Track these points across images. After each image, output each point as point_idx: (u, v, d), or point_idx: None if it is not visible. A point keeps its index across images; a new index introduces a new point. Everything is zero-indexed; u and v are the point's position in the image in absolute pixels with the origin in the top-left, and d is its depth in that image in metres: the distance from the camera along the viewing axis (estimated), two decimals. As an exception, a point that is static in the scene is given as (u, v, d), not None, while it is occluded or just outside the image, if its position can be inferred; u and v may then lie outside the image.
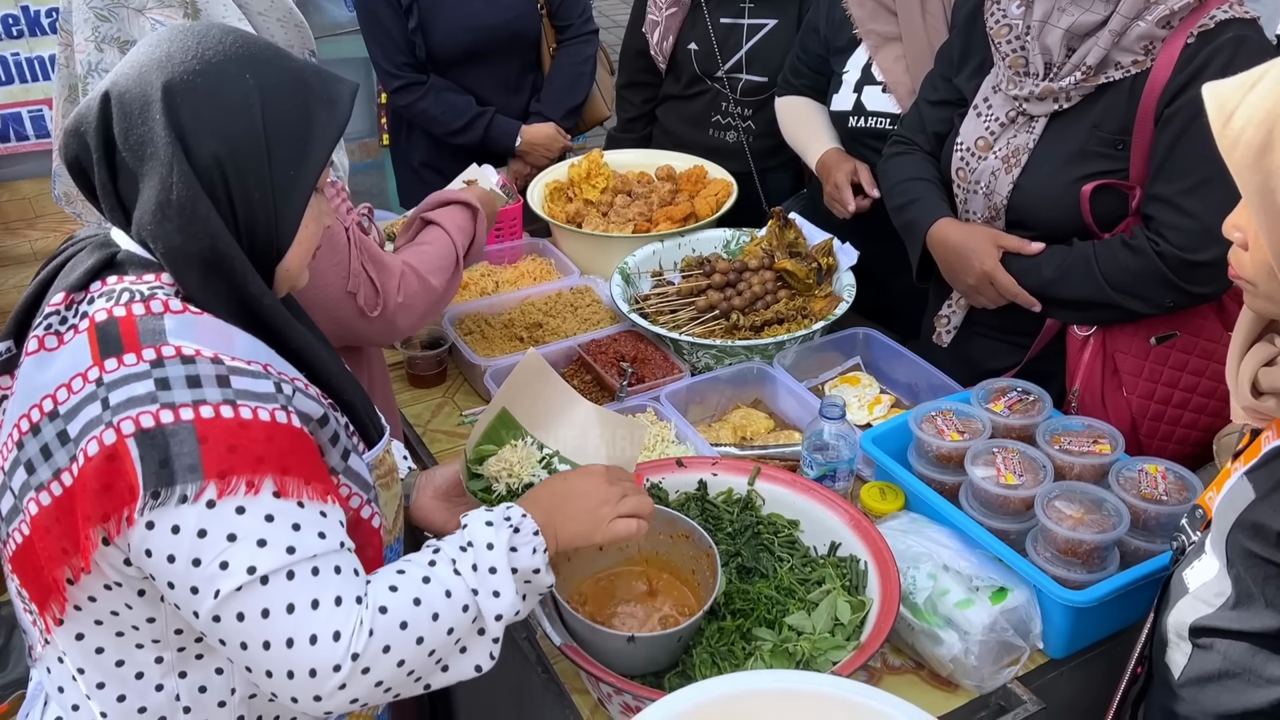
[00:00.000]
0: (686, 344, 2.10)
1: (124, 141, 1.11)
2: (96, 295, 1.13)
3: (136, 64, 1.13)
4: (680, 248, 2.42)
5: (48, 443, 1.07)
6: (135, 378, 1.05)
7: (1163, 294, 1.72)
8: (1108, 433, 1.67)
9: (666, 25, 2.70)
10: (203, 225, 1.10)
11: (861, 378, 2.11)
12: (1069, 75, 1.74)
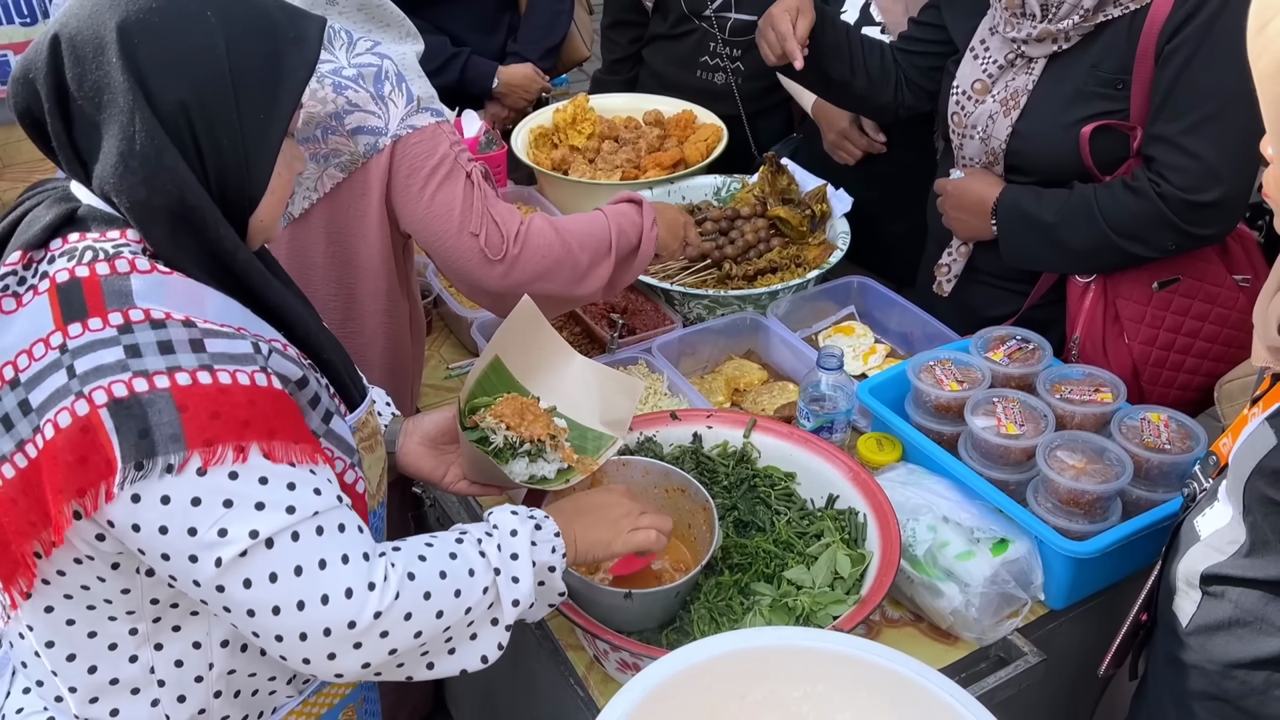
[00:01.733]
0: (678, 294, 2.06)
1: (78, 88, 1.03)
2: (57, 254, 1.06)
3: (86, 4, 1.04)
4: (670, 195, 2.36)
5: (8, 413, 1.02)
6: (103, 344, 1.00)
7: (1164, 236, 1.69)
8: (1109, 381, 1.65)
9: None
10: (169, 176, 1.03)
11: (856, 327, 2.07)
12: (1068, 17, 1.69)
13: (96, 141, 1.04)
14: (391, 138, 1.56)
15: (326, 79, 1.52)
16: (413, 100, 1.57)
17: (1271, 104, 1.02)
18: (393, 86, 1.55)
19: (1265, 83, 1.02)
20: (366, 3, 1.57)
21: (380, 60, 1.55)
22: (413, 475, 1.52)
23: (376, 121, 1.55)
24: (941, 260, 1.98)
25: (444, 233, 1.61)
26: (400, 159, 1.58)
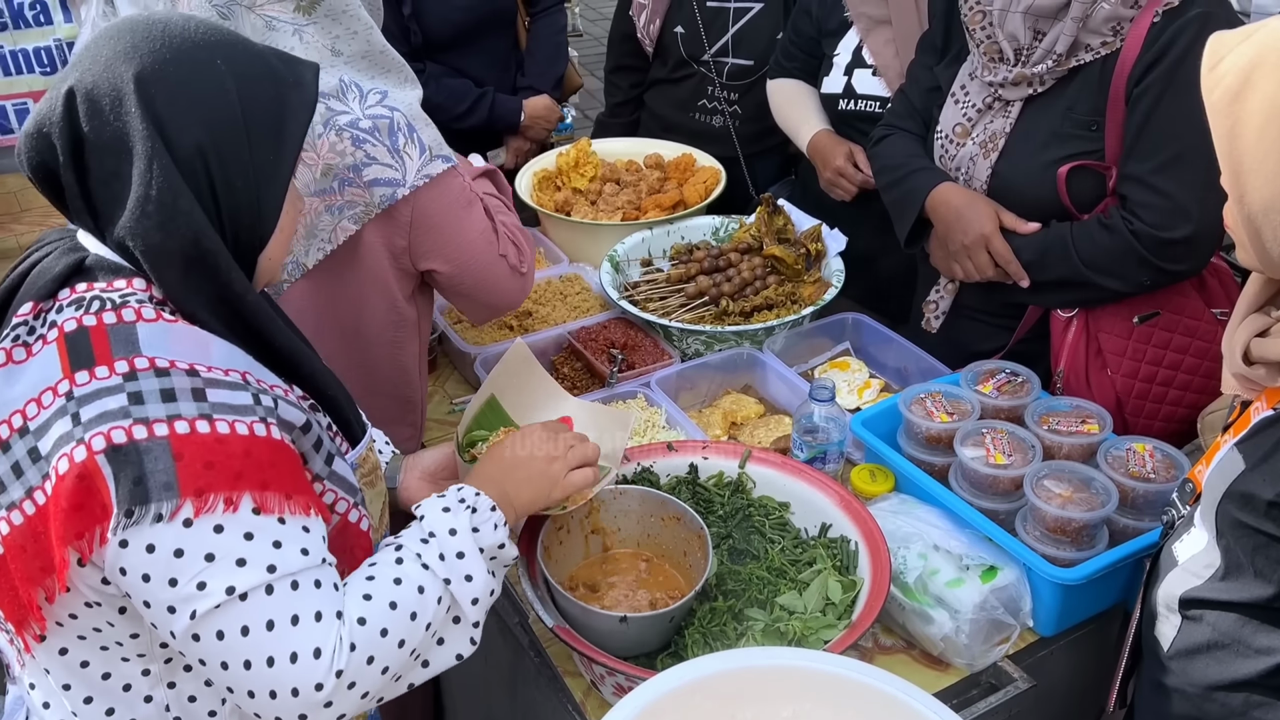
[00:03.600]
0: (676, 330, 2.10)
1: (96, 138, 1.06)
2: (65, 304, 1.09)
3: (99, 58, 1.08)
4: (669, 235, 2.42)
5: (18, 460, 1.04)
6: (107, 391, 1.02)
7: (1139, 272, 1.73)
8: (1095, 413, 1.68)
9: (653, 8, 2.71)
10: (185, 220, 1.06)
11: (851, 362, 2.11)
12: (1041, 61, 1.75)
13: (113, 191, 1.07)
14: (410, 188, 1.62)
15: (345, 131, 1.57)
16: (425, 150, 1.63)
17: (1223, 137, 1.07)
18: (405, 138, 1.60)
19: (1216, 117, 1.07)
20: (370, 51, 1.62)
21: (391, 112, 1.60)
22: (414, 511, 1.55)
23: (393, 174, 1.60)
24: (929, 298, 2.03)
25: (479, 261, 1.71)
26: (423, 207, 1.64)
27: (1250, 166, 1.06)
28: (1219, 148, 1.08)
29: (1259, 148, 1.05)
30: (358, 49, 1.60)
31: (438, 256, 1.70)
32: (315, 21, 1.56)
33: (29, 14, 3.07)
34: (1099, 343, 1.85)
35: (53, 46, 3.09)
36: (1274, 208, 1.07)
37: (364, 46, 1.60)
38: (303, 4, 1.54)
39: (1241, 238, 1.13)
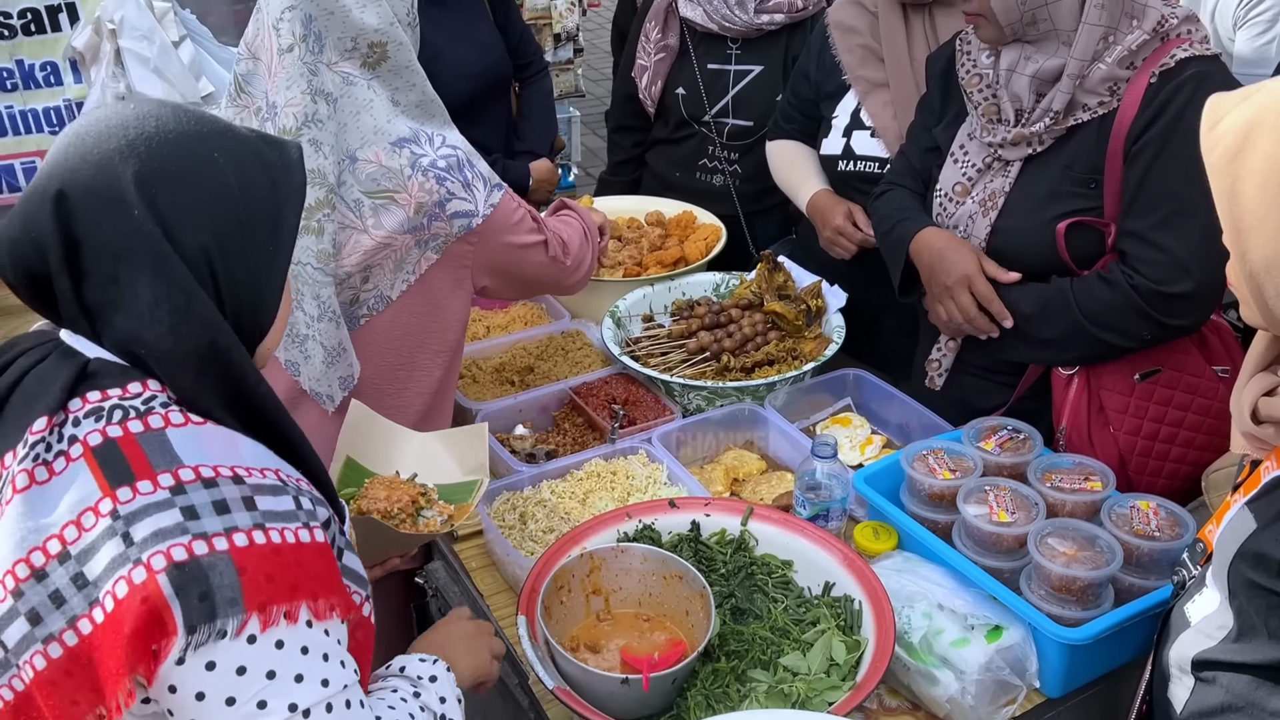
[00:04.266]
0: (678, 386, 2.11)
1: (93, 242, 1.00)
2: (82, 415, 1.02)
3: (89, 158, 1.02)
4: (670, 291, 2.43)
5: (59, 588, 0.96)
6: (157, 507, 0.97)
7: (1140, 327, 1.74)
8: (1098, 470, 1.68)
9: (655, 70, 2.75)
10: (199, 321, 1.02)
11: (853, 418, 2.11)
12: (1039, 120, 1.78)
13: (110, 295, 1.01)
14: (482, 217, 1.78)
15: (429, 171, 1.71)
16: (486, 181, 1.79)
17: (1223, 196, 1.09)
18: (472, 173, 1.77)
19: (1217, 176, 1.09)
20: (423, 100, 1.76)
21: (455, 151, 1.75)
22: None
23: (468, 205, 1.76)
24: (932, 356, 2.04)
25: (538, 265, 1.91)
26: (494, 230, 1.81)
27: (1251, 224, 1.07)
28: (1220, 206, 1.10)
29: (1259, 205, 1.06)
30: (414, 99, 1.75)
31: (498, 273, 1.88)
32: (379, 76, 1.70)
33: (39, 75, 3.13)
34: (1101, 400, 1.85)
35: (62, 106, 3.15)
36: (1276, 265, 1.08)
37: (419, 97, 1.75)
38: (369, 61, 1.68)
39: (1245, 295, 1.13)
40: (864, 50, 2.30)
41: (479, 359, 2.34)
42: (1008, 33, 1.76)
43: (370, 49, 1.67)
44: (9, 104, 3.18)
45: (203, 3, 3.30)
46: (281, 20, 1.62)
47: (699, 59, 2.69)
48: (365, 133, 1.69)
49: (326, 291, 1.70)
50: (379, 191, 1.70)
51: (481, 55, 2.85)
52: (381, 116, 1.69)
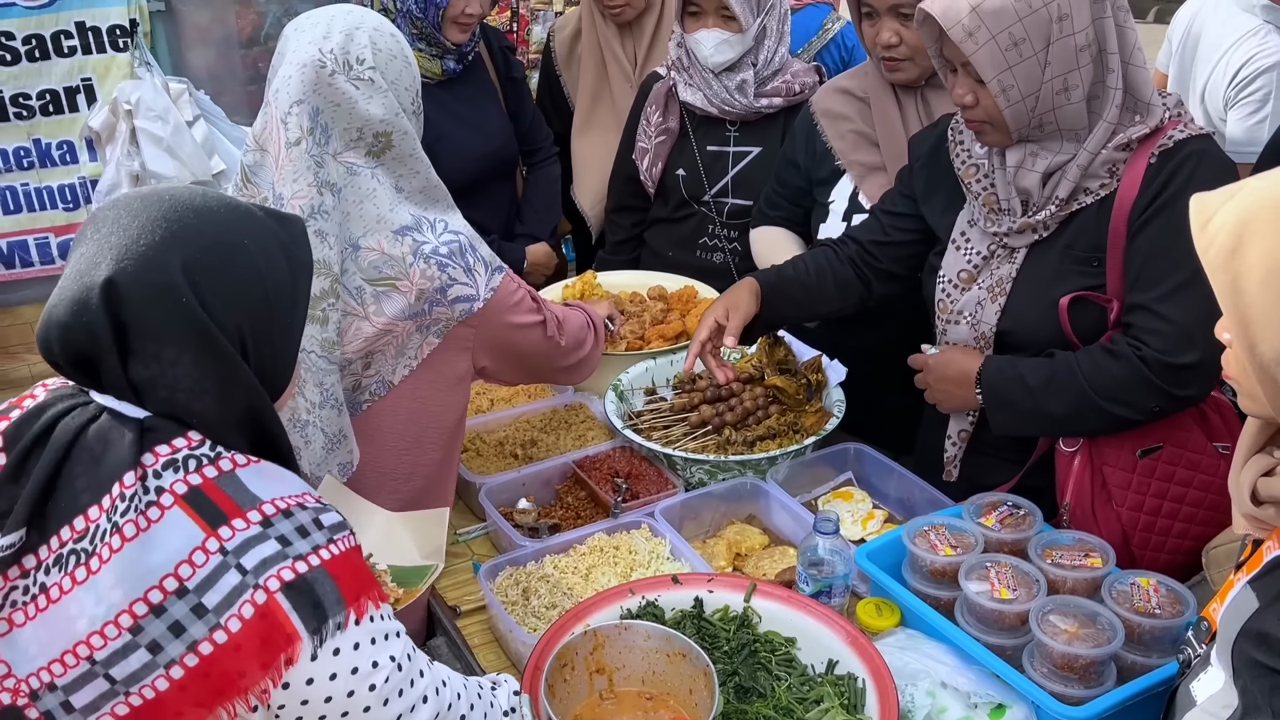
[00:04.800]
0: (680, 459, 2.12)
1: (141, 324, 1.12)
2: (160, 468, 1.13)
3: (133, 249, 1.13)
4: (672, 365, 2.46)
5: (178, 619, 1.09)
6: (256, 540, 1.12)
7: (1148, 398, 1.76)
8: (1098, 546, 1.69)
9: (655, 152, 2.81)
10: (240, 390, 1.17)
11: (854, 493, 2.12)
12: (1044, 208, 1.82)
13: (156, 372, 1.14)
14: (483, 300, 1.81)
15: (431, 259, 1.74)
16: (488, 264, 1.83)
17: (1225, 292, 1.11)
18: (474, 257, 1.80)
19: (1216, 274, 1.11)
20: (427, 186, 1.80)
21: (457, 236, 1.79)
22: None
23: (470, 290, 1.79)
24: (947, 451, 2.05)
25: (535, 344, 1.96)
26: (494, 314, 1.85)
27: (1258, 318, 1.09)
28: (1223, 302, 1.12)
29: (1265, 299, 1.08)
30: (418, 185, 1.79)
31: (497, 353, 1.92)
32: (384, 164, 1.74)
33: (56, 154, 3.22)
34: (1104, 476, 1.87)
35: (76, 184, 3.23)
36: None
37: (423, 183, 1.79)
38: (374, 150, 1.72)
39: (1250, 387, 1.15)
40: (856, 135, 2.36)
41: (482, 432, 2.36)
42: (1015, 137, 1.80)
43: (375, 138, 1.71)
44: (25, 181, 3.25)
45: (217, 83, 3.39)
46: (290, 114, 1.66)
47: (699, 141, 2.76)
48: (368, 221, 1.72)
49: (330, 379, 1.73)
50: (381, 279, 1.73)
51: (486, 139, 2.92)
52: (384, 205, 1.73)
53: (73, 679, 1.10)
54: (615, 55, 3.03)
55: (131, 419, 1.15)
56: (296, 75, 1.66)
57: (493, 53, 3.03)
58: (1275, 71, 2.89)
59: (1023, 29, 1.69)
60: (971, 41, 1.70)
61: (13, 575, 1.13)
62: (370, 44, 1.71)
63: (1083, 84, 1.73)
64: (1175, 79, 3.25)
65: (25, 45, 3.08)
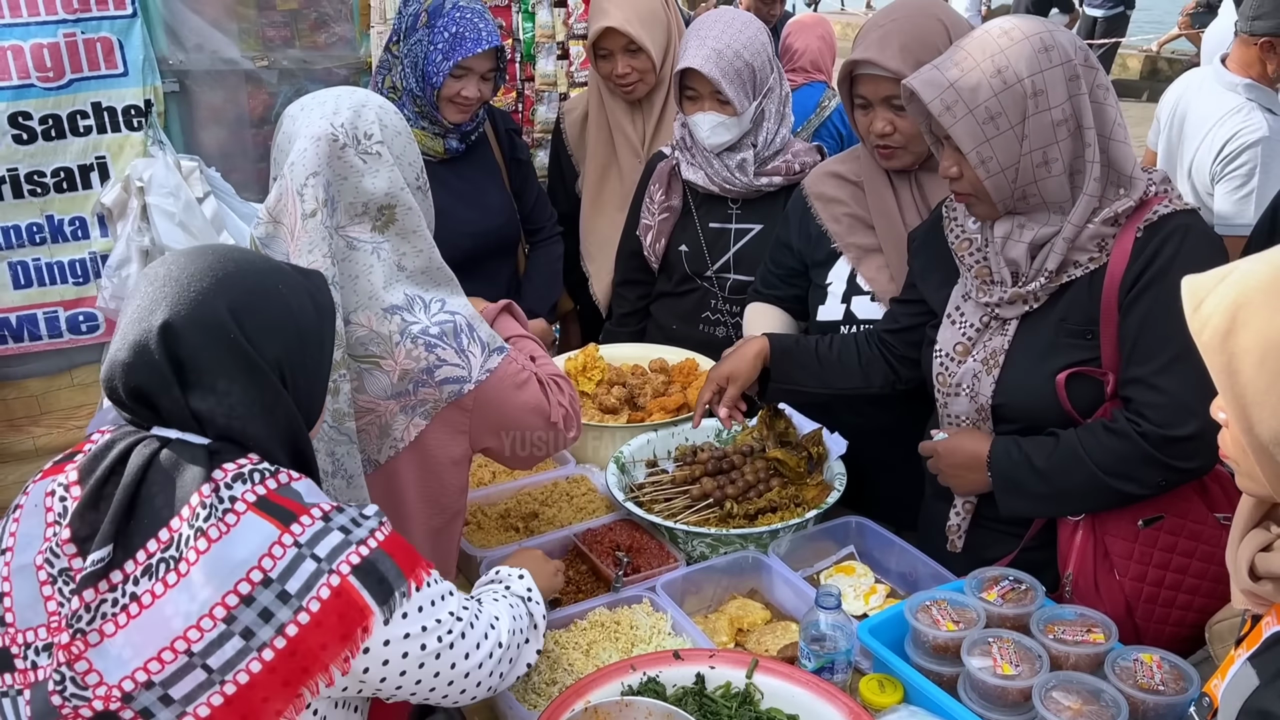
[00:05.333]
0: (681, 532, 2.13)
1: (196, 360, 1.29)
2: (230, 480, 1.29)
3: (184, 295, 1.30)
4: (674, 437, 2.48)
5: (266, 606, 1.24)
6: (324, 533, 1.29)
7: (1153, 473, 1.77)
8: (1101, 621, 1.69)
9: (659, 229, 2.86)
10: (283, 414, 1.36)
11: (856, 567, 2.12)
12: (1034, 280, 1.86)
13: (214, 401, 1.31)
14: (475, 383, 1.81)
15: (419, 339, 1.75)
16: (485, 345, 1.83)
17: (1221, 374, 1.13)
18: (469, 338, 1.80)
19: (1211, 355, 1.13)
20: (429, 267, 1.82)
21: (454, 316, 1.80)
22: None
23: (460, 371, 1.79)
24: (950, 521, 2.06)
25: (535, 428, 1.93)
26: (488, 397, 1.84)
27: (1255, 399, 1.11)
28: (1219, 383, 1.14)
29: (1261, 381, 1.10)
30: (420, 265, 1.81)
31: (495, 436, 1.90)
32: (388, 240, 1.78)
33: (68, 229, 3.26)
34: (1106, 546, 1.87)
35: (87, 259, 3.27)
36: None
37: (425, 263, 1.82)
38: (378, 224, 1.76)
39: (1249, 466, 1.16)
40: (851, 219, 2.41)
41: (484, 505, 2.37)
42: (1000, 209, 1.85)
43: (379, 212, 1.75)
44: (36, 256, 3.30)
45: (227, 160, 3.46)
46: (306, 186, 1.69)
47: (701, 219, 2.81)
48: (361, 297, 1.74)
49: (342, 449, 1.73)
50: (366, 356, 1.74)
51: (485, 216, 2.98)
52: (378, 282, 1.74)
53: (171, 673, 1.22)
54: (625, 132, 3.10)
55: (197, 445, 1.31)
56: (311, 149, 1.70)
57: (498, 134, 3.10)
58: (1260, 147, 2.96)
59: (999, 103, 1.76)
60: (950, 115, 1.77)
61: (102, 590, 1.25)
62: (378, 120, 1.77)
63: (1063, 157, 1.79)
64: (1164, 156, 3.32)
65: (42, 125, 3.15)
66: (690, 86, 2.67)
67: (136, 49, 3.22)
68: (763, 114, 2.68)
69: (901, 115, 2.20)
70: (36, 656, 1.27)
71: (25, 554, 1.30)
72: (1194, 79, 3.31)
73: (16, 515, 1.34)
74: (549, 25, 3.67)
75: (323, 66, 3.65)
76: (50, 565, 1.28)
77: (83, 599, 1.24)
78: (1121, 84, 12.27)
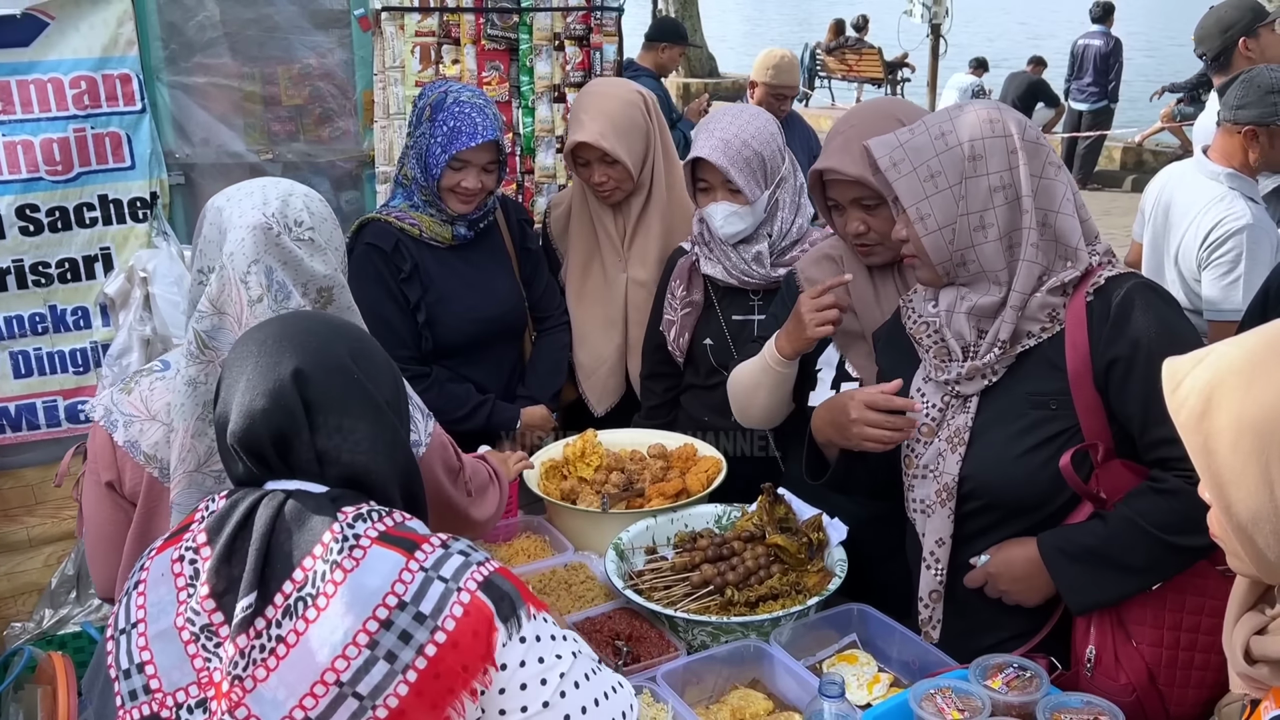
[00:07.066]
0: (681, 621, 2.10)
1: (324, 401, 1.39)
2: (352, 520, 1.36)
3: (308, 345, 1.42)
4: (673, 523, 2.47)
5: (404, 628, 1.29)
6: (445, 557, 1.35)
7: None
8: (1107, 710, 1.66)
9: (682, 324, 2.88)
10: (400, 450, 1.47)
11: (859, 655, 2.09)
12: (988, 353, 1.89)
13: (338, 440, 1.40)
14: (424, 446, 1.93)
15: None
16: (424, 412, 1.95)
17: (1198, 453, 1.15)
18: (413, 405, 1.86)
19: (1188, 435, 1.16)
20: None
21: None
22: None
23: (415, 436, 1.88)
24: (921, 614, 2.05)
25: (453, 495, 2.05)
26: (432, 459, 1.95)
27: (1230, 479, 1.12)
28: (1196, 463, 1.16)
29: (1234, 462, 1.12)
30: None
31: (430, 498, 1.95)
32: None
33: (70, 319, 3.29)
34: (1119, 614, 1.86)
35: (88, 348, 3.29)
36: (1262, 516, 1.12)
37: None
38: (318, 304, 1.80)
39: (1234, 547, 1.17)
40: None
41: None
42: (940, 272, 1.92)
43: (319, 294, 1.80)
44: (38, 346, 3.32)
45: (229, 251, 3.51)
46: (249, 274, 1.72)
47: (724, 312, 2.83)
48: None
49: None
50: None
51: (490, 303, 3.01)
52: None
53: (325, 707, 1.27)
54: (606, 230, 3.16)
55: (317, 493, 1.38)
56: (249, 237, 1.73)
57: (510, 223, 3.15)
58: (1244, 234, 3.01)
59: (939, 163, 1.86)
60: (895, 171, 1.89)
61: (251, 636, 1.30)
62: (305, 208, 1.82)
63: (998, 223, 1.85)
64: (1149, 247, 3.38)
65: (49, 217, 3.20)
66: (702, 178, 2.72)
67: (144, 143, 3.30)
68: (776, 203, 2.72)
69: (873, 214, 2.27)
70: (189, 715, 1.32)
71: (161, 621, 1.35)
72: (1176, 170, 3.39)
73: (140, 589, 1.40)
74: (548, 120, 3.77)
75: (326, 159, 3.74)
76: (192, 624, 1.33)
77: (237, 645, 1.29)
78: (1106, 175, 12.56)
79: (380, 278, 2.90)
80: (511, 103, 3.72)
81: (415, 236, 2.93)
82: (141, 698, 1.34)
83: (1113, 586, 1.84)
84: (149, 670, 1.34)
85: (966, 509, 1.96)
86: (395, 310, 2.90)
